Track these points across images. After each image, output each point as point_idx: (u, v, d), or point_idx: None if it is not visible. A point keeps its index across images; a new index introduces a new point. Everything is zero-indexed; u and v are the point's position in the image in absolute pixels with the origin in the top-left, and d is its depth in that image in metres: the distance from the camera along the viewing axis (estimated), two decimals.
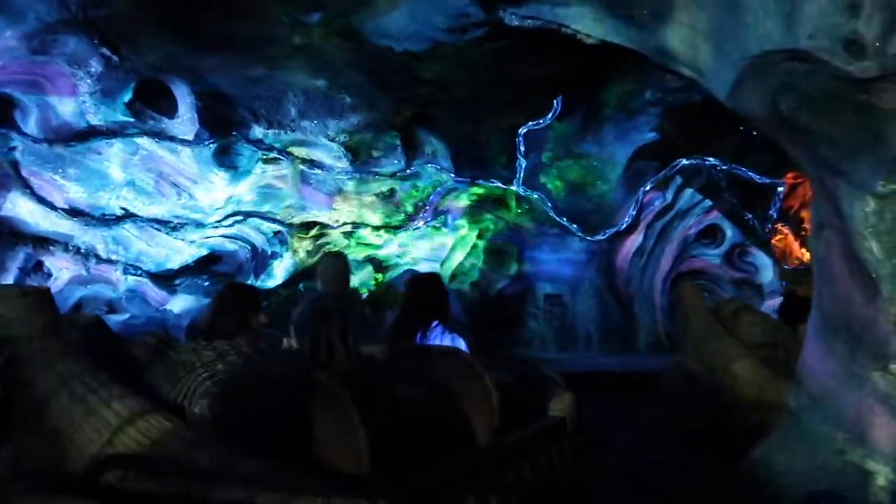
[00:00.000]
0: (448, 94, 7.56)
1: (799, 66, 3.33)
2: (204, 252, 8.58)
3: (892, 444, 3.35)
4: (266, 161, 8.15)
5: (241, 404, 2.13)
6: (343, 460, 1.94)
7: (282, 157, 8.18)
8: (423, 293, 3.53)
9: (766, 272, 9.88)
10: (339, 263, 3.86)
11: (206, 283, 8.46)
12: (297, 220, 8.95)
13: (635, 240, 9.87)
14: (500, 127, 8.89)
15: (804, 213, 11.38)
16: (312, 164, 8.47)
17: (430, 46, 6.08)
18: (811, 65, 3.24)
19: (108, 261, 7.84)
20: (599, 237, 9.87)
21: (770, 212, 10.29)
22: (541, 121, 9.08)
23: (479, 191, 9.79)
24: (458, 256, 10.24)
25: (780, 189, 10.13)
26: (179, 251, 8.35)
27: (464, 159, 9.22)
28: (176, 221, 8.10)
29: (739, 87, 3.64)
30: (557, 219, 9.78)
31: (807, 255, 11.10)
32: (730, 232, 9.94)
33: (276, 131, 7.75)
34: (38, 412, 2.09)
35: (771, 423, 4.01)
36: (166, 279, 8.30)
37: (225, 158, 7.79)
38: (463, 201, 9.86)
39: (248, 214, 8.56)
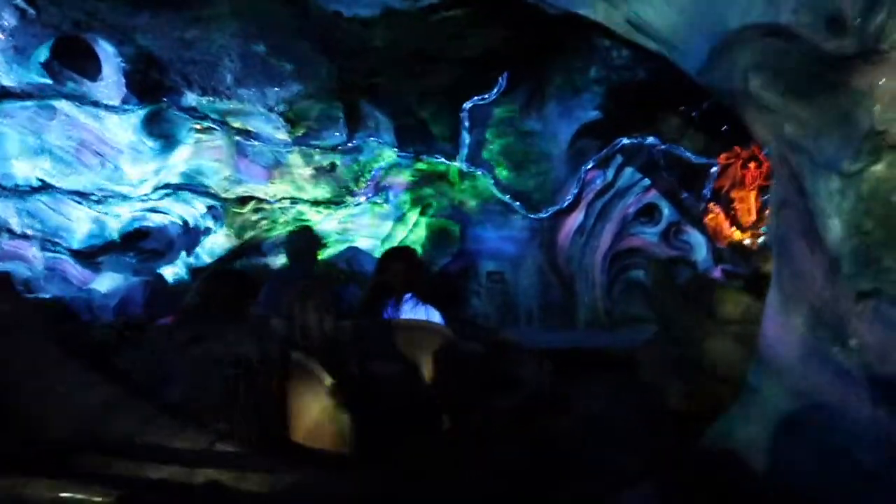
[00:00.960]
0: (395, 64, 7.29)
1: (774, 42, 3.30)
2: (130, 227, 8.04)
3: (852, 420, 3.42)
4: (199, 131, 7.66)
5: (220, 385, 2.06)
6: (324, 440, 1.95)
7: (216, 127, 7.71)
8: (395, 265, 3.47)
9: (701, 250, 10.14)
10: (308, 239, 3.62)
11: (133, 261, 7.94)
12: (232, 194, 8.49)
13: (576, 218, 9.92)
14: (445, 101, 8.68)
15: (734, 194, 11.77)
16: (249, 135, 8.03)
17: (381, 12, 5.80)
18: (787, 42, 3.21)
19: (23, 236, 7.22)
20: (542, 215, 9.87)
21: (704, 191, 10.56)
22: (486, 96, 8.93)
23: (422, 166, 9.58)
24: (400, 233, 10.03)
25: (714, 169, 10.40)
26: (103, 226, 7.79)
27: (407, 134, 8.99)
28: (99, 194, 7.53)
29: (712, 63, 3.59)
30: (501, 196, 9.71)
31: (736, 234, 11.49)
32: (667, 211, 10.12)
33: (211, 99, 7.29)
34: (8, 403, 2.00)
35: None
36: (89, 256, 7.72)
37: (154, 127, 7.27)
38: (405, 177, 9.64)
39: (179, 187, 8.06)
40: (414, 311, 3.25)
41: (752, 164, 11.30)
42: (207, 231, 8.54)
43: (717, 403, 4.05)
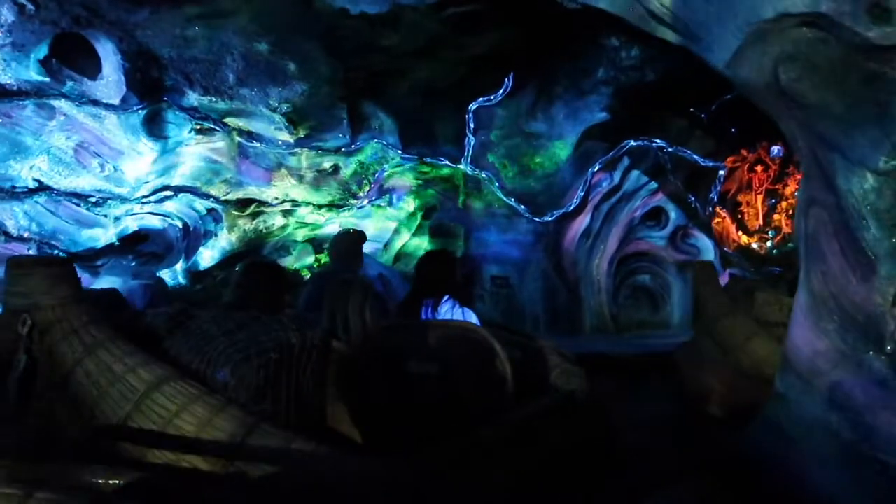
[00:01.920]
0: (401, 64, 7.14)
1: (809, 32, 3.15)
2: (129, 230, 7.87)
3: (889, 428, 3.26)
4: (200, 131, 7.51)
5: (263, 371, 2.16)
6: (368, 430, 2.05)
7: (218, 128, 7.55)
8: (433, 268, 3.56)
9: (708, 254, 9.99)
10: (352, 239, 3.90)
11: (133, 264, 7.76)
12: (233, 196, 8.33)
13: (582, 221, 9.78)
14: (450, 103, 8.54)
15: (741, 197, 11.66)
16: (251, 136, 7.87)
17: (388, 9, 5.65)
18: (824, 31, 3.06)
19: (20, 238, 7.03)
20: (547, 218, 9.71)
21: (711, 195, 10.43)
22: (491, 97, 8.79)
23: (426, 169, 9.44)
24: (404, 237, 9.89)
25: (721, 172, 10.27)
26: (102, 229, 7.62)
27: (411, 135, 8.83)
28: (98, 196, 7.36)
29: (741, 55, 3.44)
30: (505, 199, 9.55)
31: (743, 238, 11.36)
32: (674, 214, 9.99)
33: (212, 98, 7.12)
34: (63, 380, 2.13)
35: None
36: (87, 259, 7.54)
37: (154, 127, 7.11)
38: (409, 179, 9.50)
39: (179, 190, 7.89)
40: (451, 312, 3.31)
41: (758, 168, 11.19)
42: (208, 234, 8.38)
43: (759, 407, 3.90)
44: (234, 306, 2.98)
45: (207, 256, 8.51)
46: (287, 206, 8.78)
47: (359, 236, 4.04)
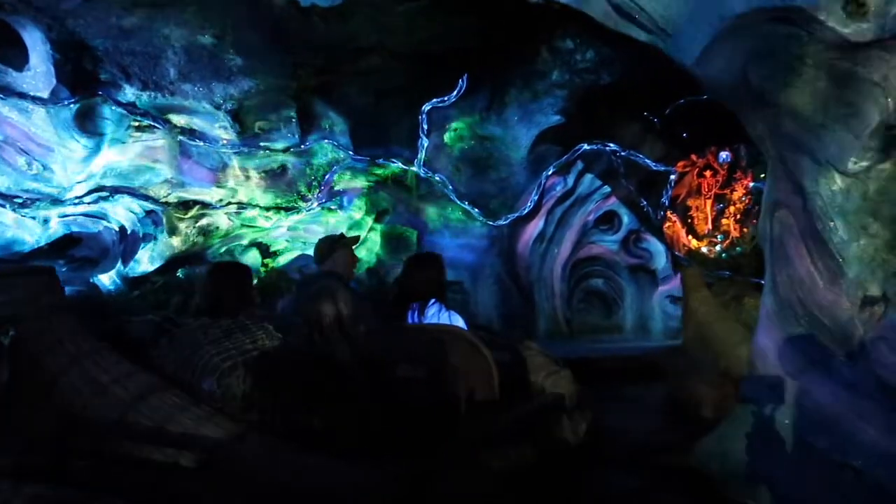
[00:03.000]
0: (354, 61, 6.89)
1: (782, 28, 3.06)
2: (60, 233, 7.37)
3: (861, 434, 3.20)
4: (138, 128, 7.07)
5: (250, 379, 2.16)
6: (346, 431, 2.06)
7: (157, 125, 7.13)
8: (421, 271, 3.57)
9: (660, 258, 10.04)
10: (334, 243, 3.83)
11: (64, 270, 7.26)
12: (173, 197, 7.90)
13: (536, 225, 9.69)
14: (403, 103, 8.32)
15: (690, 202, 11.79)
16: (193, 134, 7.48)
17: (341, 2, 5.39)
18: (797, 27, 2.99)
19: None
20: (501, 222, 9.58)
21: (662, 199, 10.49)
22: (445, 99, 8.61)
23: (378, 171, 9.18)
24: None
25: (673, 177, 10.34)
26: (30, 232, 7.11)
27: (363, 136, 8.57)
28: (25, 196, 6.86)
29: (711, 52, 3.35)
30: (459, 202, 9.38)
31: (693, 243, 11.49)
32: (626, 218, 10.00)
33: (152, 94, 6.72)
34: (47, 391, 2.08)
35: None
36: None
37: (88, 123, 6.65)
38: (360, 182, 9.21)
39: (115, 190, 7.43)
40: (438, 316, 3.30)
41: (707, 173, 11.34)
42: (147, 237, 7.92)
43: None
44: (204, 310, 2.98)
45: (146, 261, 8.05)
46: (232, 208, 8.40)
47: (342, 240, 3.99)
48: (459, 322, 3.30)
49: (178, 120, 7.29)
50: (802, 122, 3.36)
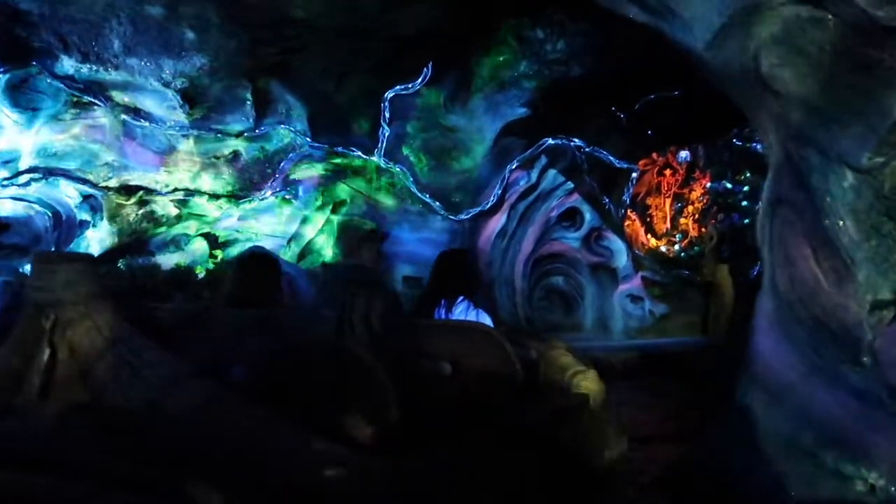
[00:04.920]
0: (316, 40, 6.46)
1: (804, 11, 2.85)
2: None
3: (874, 446, 3.03)
4: (77, 105, 6.52)
5: (278, 370, 2.17)
6: (370, 428, 2.03)
7: (99, 102, 6.58)
8: (449, 268, 3.56)
9: (621, 256, 9.95)
10: (362, 238, 4.14)
11: None
12: (115, 182, 7.34)
13: (498, 220, 9.45)
14: (365, 89, 7.93)
15: (650, 200, 11.78)
16: (139, 113, 6.94)
17: None
18: (823, 10, 2.78)
19: None
20: (463, 217, 9.32)
21: (624, 197, 10.42)
22: (409, 85, 8.26)
23: (337, 160, 8.77)
24: (309, 233, 9.14)
25: (634, 175, 10.27)
26: None
27: (322, 123, 8.15)
28: None
29: (723, 35, 3.12)
30: (420, 195, 9.06)
31: (652, 241, 11.47)
32: (588, 215, 9.87)
33: (93, 67, 6.15)
34: (84, 374, 2.15)
35: None
36: None
37: (20, 96, 6.07)
38: (317, 171, 8.78)
39: (50, 172, 6.83)
40: (465, 313, 3.32)
41: (667, 172, 11.33)
42: (84, 224, 7.32)
43: None
44: (233, 300, 3.04)
45: (83, 250, 7.43)
46: (179, 195, 7.87)
47: (366, 231, 3.96)
48: (486, 320, 3.29)
49: (122, 97, 6.74)
50: (813, 114, 3.17)
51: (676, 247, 10.87)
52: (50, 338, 2.15)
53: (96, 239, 7.41)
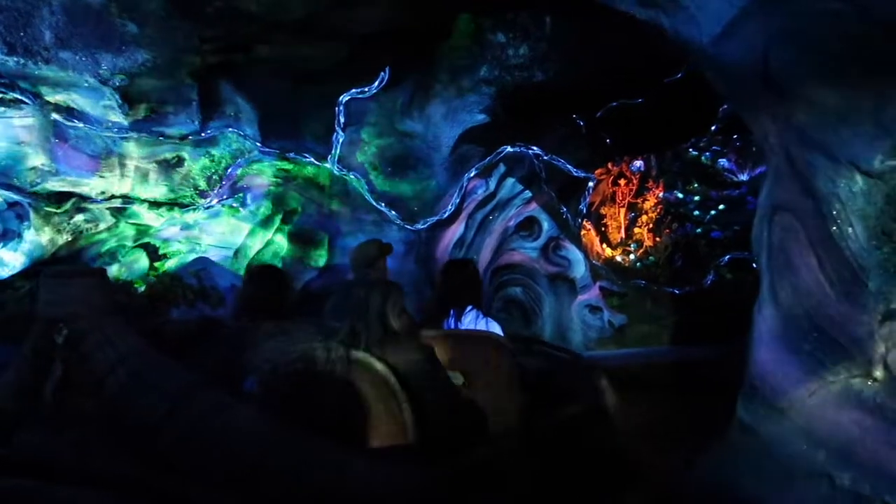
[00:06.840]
0: (269, 38, 6.05)
1: (821, 3, 2.68)
2: None
3: (889, 463, 2.86)
4: (2, 102, 5.89)
5: (290, 382, 2.19)
6: (385, 436, 2.06)
7: (26, 100, 5.98)
8: (457, 278, 3.56)
9: (579, 267, 9.79)
10: (372, 249, 3.83)
11: None
12: (44, 188, 6.73)
13: (456, 230, 9.16)
14: (319, 92, 7.55)
15: (604, 210, 11.72)
16: (72, 113, 6.36)
17: None
18: (844, 2, 2.61)
19: None
20: (419, 226, 8.99)
21: (580, 206, 10.30)
22: (365, 90, 7.93)
23: (288, 166, 8.34)
24: (258, 243, 8.65)
25: (591, 184, 10.17)
26: None
27: (273, 127, 7.73)
28: None
29: (732, 29, 2.92)
30: (375, 203, 8.70)
31: (607, 251, 11.40)
32: (546, 225, 9.68)
33: (20, 60, 5.56)
34: (96, 388, 2.16)
35: None
36: None
37: None
38: (267, 177, 8.32)
39: None
40: (475, 322, 3.32)
41: (621, 182, 11.31)
42: (9, 234, 6.66)
43: None
44: (243, 312, 3.07)
45: (9, 262, 6.76)
46: (117, 202, 7.29)
47: (378, 247, 4.03)
48: (496, 329, 3.28)
49: (54, 95, 6.15)
50: (822, 115, 3.01)
51: (632, 256, 10.83)
52: (62, 353, 2.17)
53: (23, 250, 6.74)
